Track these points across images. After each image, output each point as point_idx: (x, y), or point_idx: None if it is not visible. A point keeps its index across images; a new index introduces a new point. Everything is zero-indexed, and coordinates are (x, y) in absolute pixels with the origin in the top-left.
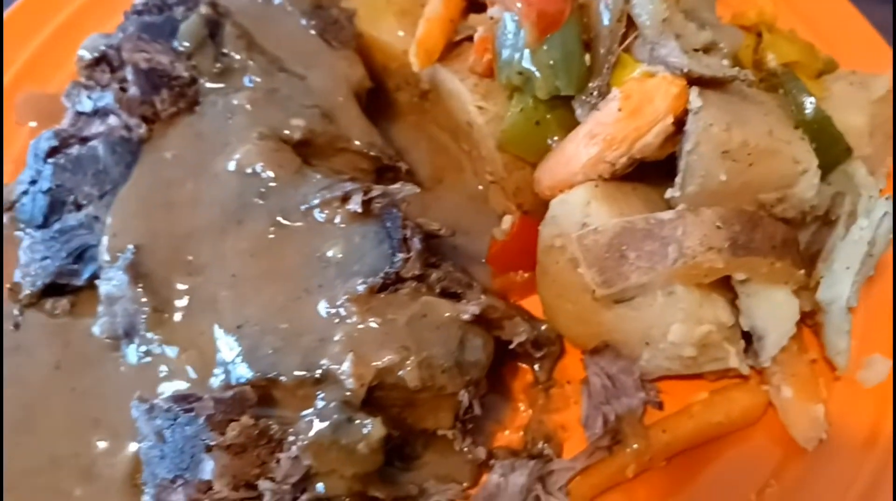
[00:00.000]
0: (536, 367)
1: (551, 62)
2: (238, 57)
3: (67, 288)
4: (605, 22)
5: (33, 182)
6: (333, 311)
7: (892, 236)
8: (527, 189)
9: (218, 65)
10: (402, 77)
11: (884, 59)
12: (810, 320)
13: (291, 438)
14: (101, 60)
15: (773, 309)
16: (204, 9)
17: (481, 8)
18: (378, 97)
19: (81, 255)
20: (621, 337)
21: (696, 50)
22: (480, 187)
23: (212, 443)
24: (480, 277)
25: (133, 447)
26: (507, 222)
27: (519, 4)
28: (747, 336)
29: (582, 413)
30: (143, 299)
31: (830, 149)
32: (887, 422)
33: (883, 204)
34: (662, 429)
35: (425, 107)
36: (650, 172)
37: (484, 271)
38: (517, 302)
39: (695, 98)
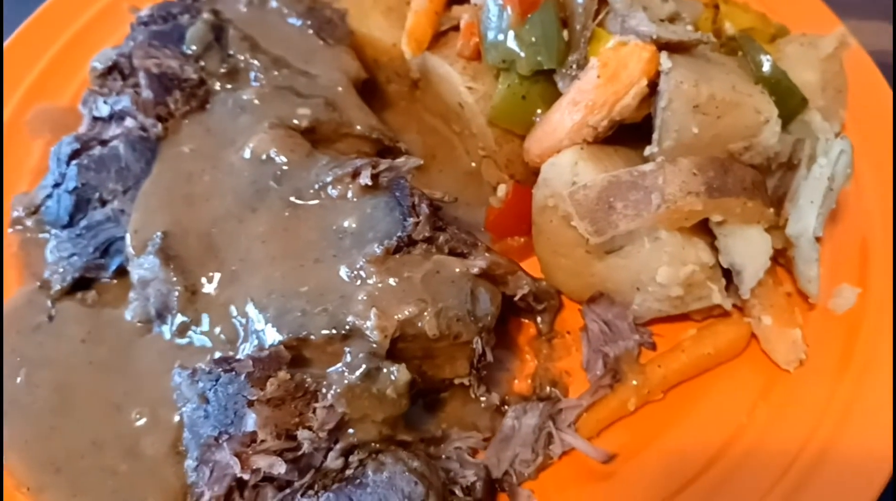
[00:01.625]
0: (539, 320)
1: (533, 40)
2: (243, 58)
3: (94, 282)
4: (580, 0)
5: (57, 185)
6: (354, 273)
7: (850, 170)
8: (517, 160)
9: (225, 66)
10: (393, 69)
11: (828, 24)
12: (782, 257)
13: (325, 389)
14: (112, 69)
15: (748, 246)
16: (207, 15)
17: (460, 1)
18: (370, 89)
19: (108, 249)
20: (614, 286)
21: (662, 20)
22: (473, 164)
23: (253, 398)
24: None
25: (172, 418)
26: (503, 190)
27: None
28: (728, 277)
29: (583, 358)
30: (175, 279)
31: (788, 100)
32: (859, 344)
33: (839, 143)
34: (658, 365)
35: (416, 95)
36: (628, 137)
37: (484, 239)
38: None
39: (665, 60)
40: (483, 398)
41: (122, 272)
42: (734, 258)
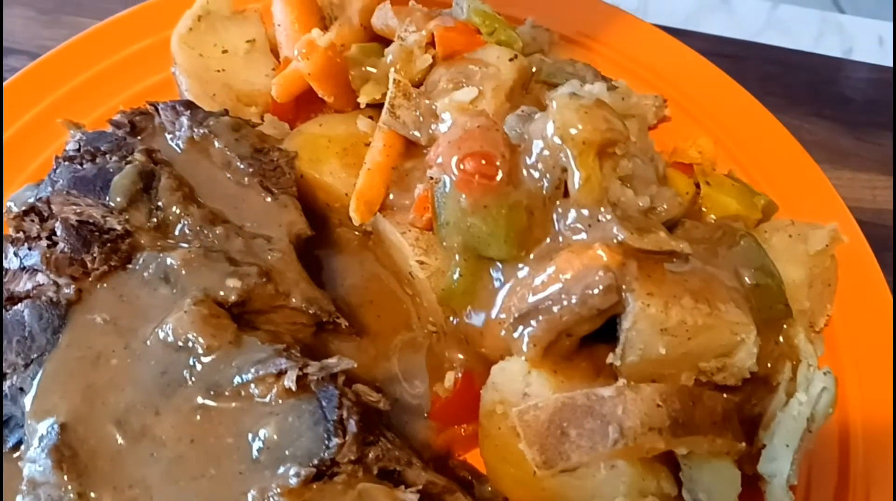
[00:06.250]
0: None
1: (489, 228)
2: (174, 211)
3: None
4: (543, 189)
5: None
6: None
7: (831, 410)
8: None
9: (153, 219)
10: (345, 214)
11: (827, 201)
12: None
13: None
14: (30, 212)
15: (715, 481)
16: (139, 157)
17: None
18: (322, 228)
19: (7, 422)
20: None
21: (635, 219)
22: (425, 331)
23: None
24: (422, 432)
25: None
26: (450, 379)
27: (455, 171)
28: None
29: None
30: (69, 486)
31: (772, 309)
32: None
33: (821, 378)
34: None
35: (369, 244)
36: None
37: (427, 426)
38: (462, 456)
39: (633, 274)
40: None
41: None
42: (699, 495)
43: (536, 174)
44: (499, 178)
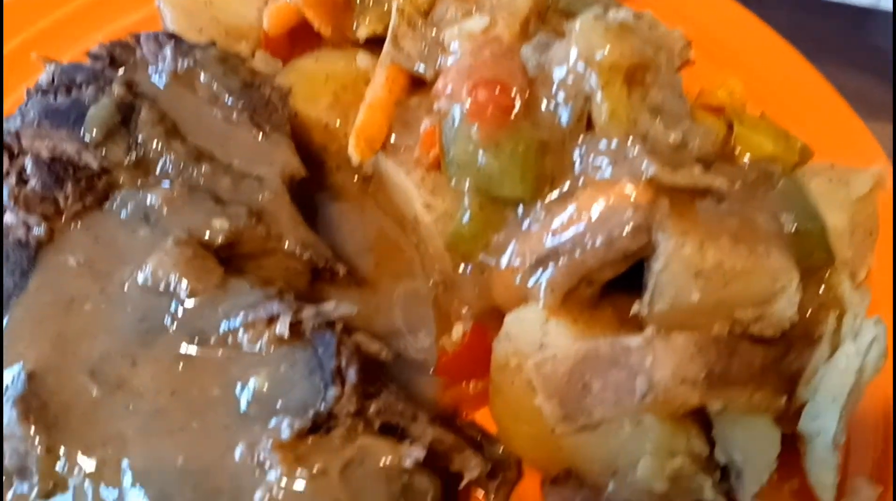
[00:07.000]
0: (491, 497)
1: (503, 163)
2: (155, 146)
3: None
4: (564, 122)
5: None
6: (254, 459)
7: (882, 362)
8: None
9: (132, 155)
10: (342, 158)
11: (865, 147)
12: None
13: None
14: None
15: (751, 440)
16: (117, 89)
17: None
18: (317, 173)
19: None
20: (584, 464)
21: (666, 154)
22: (430, 282)
23: None
24: (427, 389)
25: None
26: (458, 332)
27: (468, 99)
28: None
29: None
30: (36, 440)
31: (813, 255)
32: None
33: (871, 328)
34: None
35: (368, 190)
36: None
37: (432, 382)
38: (471, 415)
39: (664, 212)
40: None
41: None
42: (734, 455)
43: (556, 106)
44: (515, 110)
